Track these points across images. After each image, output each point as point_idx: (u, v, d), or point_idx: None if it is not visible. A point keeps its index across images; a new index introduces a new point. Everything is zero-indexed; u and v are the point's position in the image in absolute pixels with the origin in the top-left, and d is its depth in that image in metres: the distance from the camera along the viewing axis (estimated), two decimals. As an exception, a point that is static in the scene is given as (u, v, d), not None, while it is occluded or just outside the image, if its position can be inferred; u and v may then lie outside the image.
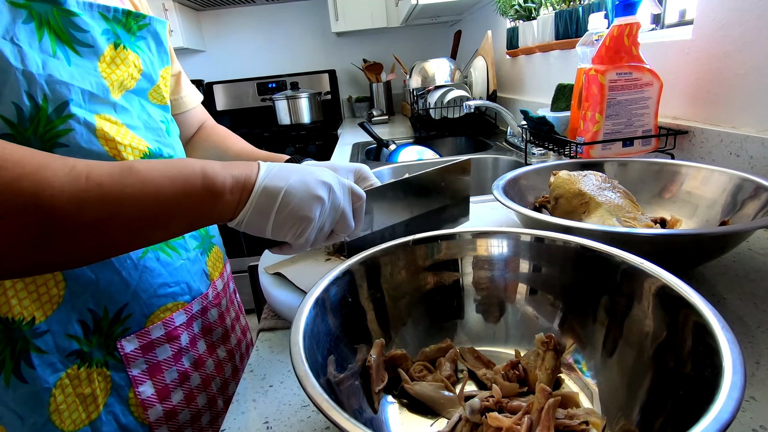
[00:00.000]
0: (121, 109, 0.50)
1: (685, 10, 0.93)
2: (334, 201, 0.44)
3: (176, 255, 0.55)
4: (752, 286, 0.50)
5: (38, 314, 0.45)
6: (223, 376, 0.63)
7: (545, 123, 0.96)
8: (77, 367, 0.48)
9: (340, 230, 0.46)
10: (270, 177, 0.42)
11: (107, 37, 0.48)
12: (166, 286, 0.53)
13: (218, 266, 0.65)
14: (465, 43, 2.39)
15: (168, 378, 0.54)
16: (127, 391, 0.51)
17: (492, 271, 0.45)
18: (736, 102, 0.72)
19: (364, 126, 1.67)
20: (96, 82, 0.47)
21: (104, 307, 0.48)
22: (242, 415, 0.40)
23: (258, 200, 0.40)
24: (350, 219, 0.46)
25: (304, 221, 0.42)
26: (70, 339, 0.47)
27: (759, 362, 0.39)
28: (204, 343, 0.60)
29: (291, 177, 0.42)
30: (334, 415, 0.24)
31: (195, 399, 0.57)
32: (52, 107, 0.43)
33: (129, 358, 0.51)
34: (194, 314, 0.58)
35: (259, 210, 0.41)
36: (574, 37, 1.17)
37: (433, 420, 0.37)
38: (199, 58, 2.85)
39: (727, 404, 0.22)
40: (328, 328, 0.37)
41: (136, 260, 0.50)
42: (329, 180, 0.44)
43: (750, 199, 0.55)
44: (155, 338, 0.53)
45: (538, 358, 0.38)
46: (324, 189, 0.43)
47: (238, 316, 0.71)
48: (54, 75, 0.43)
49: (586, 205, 0.59)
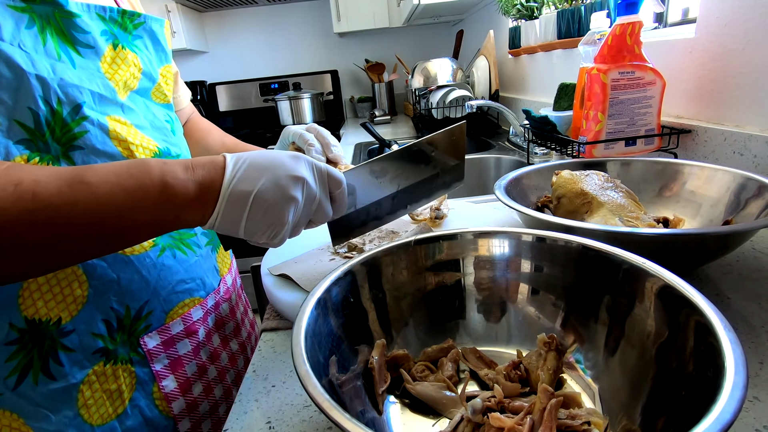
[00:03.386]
0: (128, 109, 0.50)
1: (688, 8, 0.93)
2: (309, 195, 0.41)
3: (191, 252, 0.56)
4: (756, 286, 0.50)
5: (64, 314, 0.46)
6: (236, 368, 0.64)
7: (547, 122, 0.96)
8: (103, 363, 0.49)
9: (318, 220, 0.44)
10: (238, 180, 0.38)
11: (106, 37, 0.49)
12: (183, 282, 0.54)
13: (226, 262, 0.66)
14: (467, 43, 2.39)
15: (189, 371, 0.56)
16: (151, 385, 0.52)
17: (494, 271, 0.45)
18: (740, 101, 0.71)
19: (367, 126, 1.67)
20: (103, 84, 0.47)
21: (126, 305, 0.49)
22: (245, 415, 0.40)
23: (226, 208, 0.38)
24: (327, 208, 0.43)
25: (277, 225, 0.40)
26: (95, 337, 0.48)
27: (763, 362, 0.38)
28: (218, 336, 0.61)
29: (261, 178, 0.39)
30: (335, 414, 0.24)
31: (213, 391, 0.59)
32: (67, 110, 0.44)
33: (152, 354, 0.52)
34: (209, 309, 0.59)
35: (228, 217, 0.38)
36: (576, 36, 1.17)
37: (435, 420, 0.37)
38: (202, 59, 2.86)
39: (729, 404, 0.22)
40: (330, 328, 0.37)
41: (155, 258, 0.51)
42: (303, 173, 0.40)
43: (754, 198, 0.54)
44: (175, 334, 0.54)
45: (540, 359, 0.38)
46: (297, 187, 0.39)
47: (246, 311, 0.73)
48: (65, 78, 0.43)
49: (588, 205, 0.59)
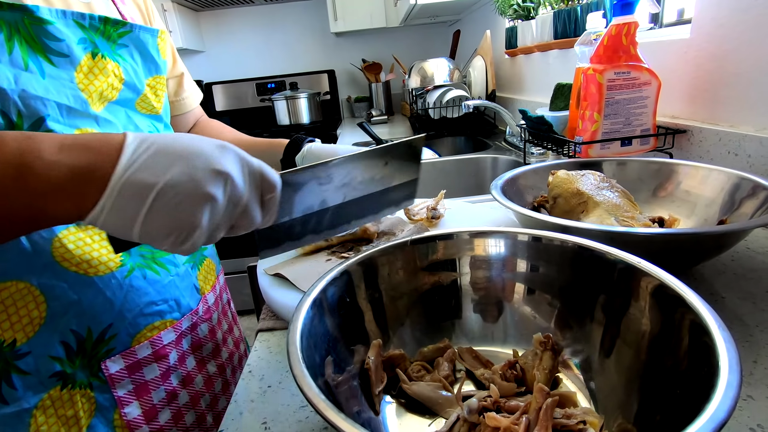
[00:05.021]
0: (104, 121, 0.48)
1: (683, 9, 0.93)
2: (233, 195, 0.33)
3: (164, 272, 0.54)
4: (750, 285, 0.50)
5: (19, 336, 0.44)
6: (212, 392, 0.61)
7: (544, 122, 0.96)
8: (60, 388, 0.47)
9: (243, 226, 0.36)
10: (138, 166, 0.30)
11: (84, 46, 0.47)
12: (152, 304, 0.52)
13: (210, 279, 0.64)
14: (464, 43, 2.39)
15: (156, 398, 0.53)
16: (112, 412, 0.50)
17: (490, 270, 0.45)
18: (735, 101, 0.72)
19: (364, 126, 1.67)
20: (73, 95, 0.45)
21: (87, 327, 0.47)
22: (240, 416, 0.40)
23: (117, 201, 0.30)
24: (255, 214, 0.36)
25: (186, 229, 0.31)
26: (52, 360, 0.46)
27: (757, 361, 0.39)
28: (194, 359, 0.58)
29: (172, 167, 0.31)
30: (330, 415, 0.24)
31: (183, 417, 0.56)
32: (28, 123, 0.41)
33: (114, 379, 0.50)
34: (183, 331, 0.56)
35: (118, 213, 0.30)
36: (572, 36, 1.17)
37: (432, 420, 0.37)
38: (199, 58, 2.85)
39: (723, 403, 0.22)
40: (325, 328, 0.37)
41: (121, 279, 0.49)
42: (228, 167, 0.33)
43: (748, 198, 0.55)
44: (142, 358, 0.52)
45: (536, 358, 0.38)
46: (218, 183, 0.32)
47: (231, 328, 0.70)
48: (28, 90, 0.41)
49: (584, 205, 0.59)
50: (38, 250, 0.44)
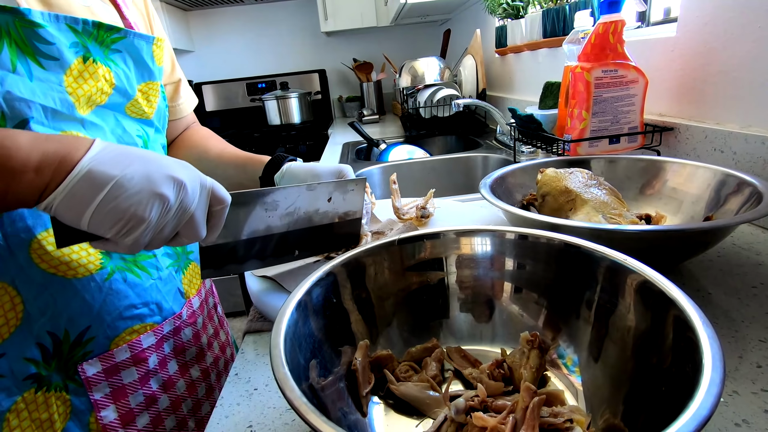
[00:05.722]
0: (91, 125, 0.48)
1: (669, 7, 0.94)
2: (183, 202, 0.37)
3: (146, 275, 0.53)
4: (736, 281, 0.50)
5: None
6: (195, 397, 0.60)
7: (533, 121, 0.97)
8: (34, 391, 0.46)
9: (187, 236, 0.40)
10: (101, 160, 0.34)
11: (76, 50, 0.46)
12: (132, 308, 0.51)
13: (195, 283, 0.63)
14: (454, 42, 2.39)
15: (133, 402, 0.52)
16: (87, 416, 0.49)
17: (477, 269, 0.45)
18: (720, 98, 0.72)
19: (355, 125, 1.67)
20: (60, 98, 0.45)
21: (65, 329, 0.47)
22: (226, 419, 0.40)
23: (75, 186, 0.33)
24: (200, 225, 0.39)
25: (134, 220, 0.35)
26: (27, 363, 0.45)
27: (742, 357, 0.39)
28: (176, 363, 0.58)
29: (131, 165, 0.35)
30: (312, 418, 0.23)
31: (163, 422, 0.55)
32: (11, 125, 0.41)
33: (91, 382, 0.49)
34: (165, 335, 0.56)
35: (74, 198, 0.33)
36: (561, 35, 1.17)
37: (419, 420, 0.37)
38: (188, 58, 2.83)
39: (706, 400, 0.22)
40: (311, 330, 0.36)
41: (101, 282, 0.48)
42: (182, 176, 0.37)
43: (733, 195, 0.55)
44: (120, 361, 0.51)
45: (523, 357, 0.38)
46: (170, 186, 0.36)
47: (217, 332, 0.69)
48: (13, 91, 0.41)
49: (572, 203, 0.59)
50: (15, 251, 0.44)
